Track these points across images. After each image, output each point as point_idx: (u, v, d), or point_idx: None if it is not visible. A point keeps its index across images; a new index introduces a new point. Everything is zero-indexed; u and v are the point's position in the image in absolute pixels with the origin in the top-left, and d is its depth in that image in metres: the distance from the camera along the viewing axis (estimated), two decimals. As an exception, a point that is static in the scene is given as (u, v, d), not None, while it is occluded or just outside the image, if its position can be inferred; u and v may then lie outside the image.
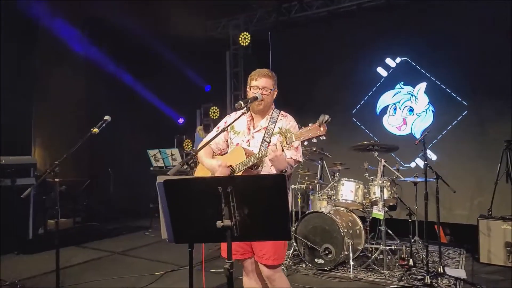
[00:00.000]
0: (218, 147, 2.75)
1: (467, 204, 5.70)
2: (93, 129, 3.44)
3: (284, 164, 2.30)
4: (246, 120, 2.65)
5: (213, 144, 2.70)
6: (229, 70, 8.23)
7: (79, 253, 5.38)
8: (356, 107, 6.74)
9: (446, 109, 5.96)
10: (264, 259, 2.50)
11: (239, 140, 2.64)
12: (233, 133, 2.68)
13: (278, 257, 2.50)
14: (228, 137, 2.72)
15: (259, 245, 2.50)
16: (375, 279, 4.12)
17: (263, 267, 2.55)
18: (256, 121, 2.65)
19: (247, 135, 2.63)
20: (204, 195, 1.88)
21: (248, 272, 2.69)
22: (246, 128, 2.65)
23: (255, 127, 2.63)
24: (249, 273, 2.69)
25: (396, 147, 4.77)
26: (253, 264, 2.66)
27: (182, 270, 4.54)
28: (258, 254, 2.53)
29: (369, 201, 4.63)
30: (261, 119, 2.63)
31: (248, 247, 2.57)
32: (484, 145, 5.60)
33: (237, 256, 2.57)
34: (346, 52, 6.77)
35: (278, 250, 2.49)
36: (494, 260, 4.49)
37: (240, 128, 2.66)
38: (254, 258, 2.60)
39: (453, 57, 5.86)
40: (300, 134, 2.15)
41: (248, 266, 2.67)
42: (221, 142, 2.74)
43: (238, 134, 2.66)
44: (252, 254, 2.59)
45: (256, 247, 2.53)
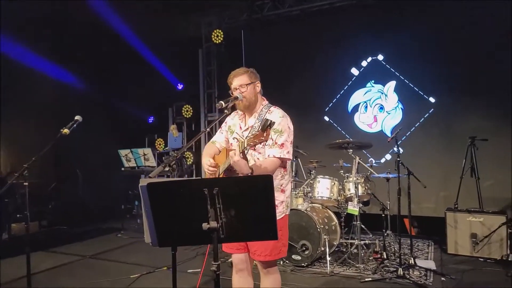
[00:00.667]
0: (222, 146, 2.79)
1: (433, 198, 5.94)
2: (63, 129, 3.32)
3: (245, 169, 2.26)
4: (238, 119, 2.69)
5: (218, 144, 2.79)
6: (202, 68, 8.14)
7: (47, 258, 5.18)
8: (329, 105, 6.85)
9: (414, 106, 6.17)
10: (256, 255, 2.53)
11: (232, 139, 2.69)
12: (230, 133, 2.73)
13: (270, 253, 2.50)
14: (228, 136, 2.77)
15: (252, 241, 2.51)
16: (351, 273, 4.22)
17: (258, 263, 2.60)
18: (247, 119, 2.66)
19: (239, 134, 2.65)
20: (189, 198, 1.86)
21: (239, 270, 2.68)
22: (238, 127, 2.67)
23: (246, 125, 2.64)
24: (239, 272, 2.68)
25: (370, 145, 4.90)
26: (247, 262, 2.66)
27: (158, 272, 4.47)
28: (251, 250, 2.55)
29: (344, 197, 4.74)
30: (250, 117, 2.64)
31: (243, 243, 2.58)
32: (450, 141, 5.84)
33: (233, 250, 2.61)
34: (319, 51, 6.86)
35: (269, 246, 2.48)
36: (461, 251, 4.69)
37: (235, 127, 2.70)
38: (249, 255, 2.62)
39: (420, 56, 6.06)
40: (249, 140, 2.18)
41: (240, 265, 2.66)
42: (224, 142, 2.78)
43: (233, 133, 2.69)
44: (247, 250, 2.60)
45: (249, 243, 2.55)
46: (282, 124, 2.50)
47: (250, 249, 2.56)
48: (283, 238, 2.59)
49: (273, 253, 2.52)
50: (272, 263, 2.59)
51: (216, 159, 2.61)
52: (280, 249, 2.56)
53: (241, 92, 2.55)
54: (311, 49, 6.94)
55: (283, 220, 2.58)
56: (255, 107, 2.62)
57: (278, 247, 2.54)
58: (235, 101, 2.51)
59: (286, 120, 2.54)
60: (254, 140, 2.15)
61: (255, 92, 2.60)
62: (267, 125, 2.11)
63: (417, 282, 3.85)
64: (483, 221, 4.59)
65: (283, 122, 2.51)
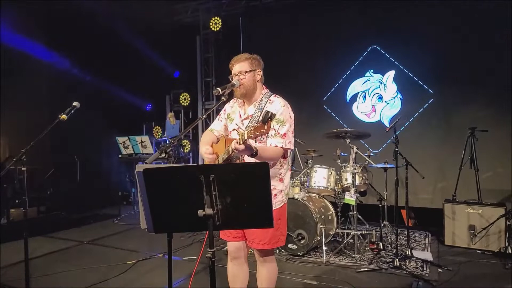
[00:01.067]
0: (220, 134, 2.75)
1: (431, 189, 5.95)
2: (61, 115, 3.29)
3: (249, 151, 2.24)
4: (237, 106, 2.64)
5: (216, 132, 2.75)
6: (199, 55, 8.07)
7: (45, 244, 5.21)
8: (327, 94, 6.81)
9: (413, 96, 6.14)
10: (254, 244, 2.51)
11: (231, 127, 2.65)
12: (229, 121, 2.68)
13: (269, 241, 2.49)
14: (227, 124, 2.73)
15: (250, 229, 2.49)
16: (346, 263, 4.23)
17: (255, 251, 2.58)
18: (246, 108, 2.62)
19: (238, 122, 2.61)
20: (185, 184, 1.84)
21: (233, 258, 2.67)
22: (238, 115, 2.63)
23: (246, 113, 2.60)
24: (234, 259, 2.68)
25: (368, 134, 4.87)
26: (242, 250, 2.65)
27: (154, 258, 4.49)
28: (249, 238, 2.53)
29: (341, 187, 4.73)
30: (250, 105, 2.60)
31: (240, 231, 2.56)
32: (449, 132, 5.83)
33: (230, 238, 2.59)
34: (317, 39, 6.80)
35: (268, 234, 2.47)
36: (458, 243, 4.69)
37: (234, 115, 2.65)
38: (246, 243, 2.61)
39: (420, 46, 6.00)
40: (249, 131, 2.14)
41: (236, 252, 2.65)
42: (223, 130, 2.74)
43: (232, 121, 2.65)
44: (244, 239, 2.59)
45: (247, 231, 2.53)
46: (284, 114, 2.46)
47: (248, 237, 2.55)
48: (281, 227, 2.58)
49: (272, 241, 2.51)
50: (270, 251, 2.59)
51: (215, 148, 2.58)
52: (279, 237, 2.55)
53: (240, 79, 2.50)
54: (309, 38, 6.87)
55: (282, 209, 2.57)
56: (254, 95, 2.57)
57: (277, 235, 2.53)
58: (231, 88, 2.47)
59: (287, 109, 2.51)
60: (255, 132, 2.12)
61: (254, 80, 2.54)
62: (268, 117, 2.08)
63: (414, 273, 3.85)
64: (481, 213, 4.59)
65: (285, 112, 2.48)
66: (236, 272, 2.69)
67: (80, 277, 3.97)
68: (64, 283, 3.80)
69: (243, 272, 2.69)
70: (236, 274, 2.69)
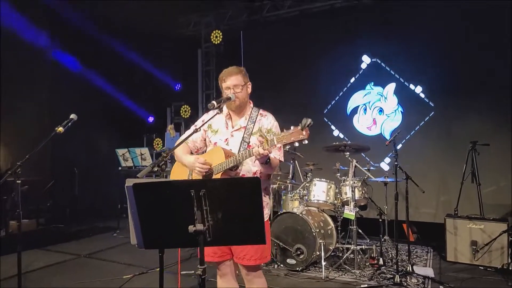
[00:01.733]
0: (195, 145, 2.68)
1: (433, 203, 5.87)
2: (58, 128, 3.27)
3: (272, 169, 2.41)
4: (224, 118, 2.60)
5: (190, 143, 2.65)
6: (200, 68, 8.12)
7: (42, 257, 5.16)
8: (327, 107, 6.80)
9: (414, 110, 6.11)
10: (245, 260, 2.45)
11: (217, 139, 2.59)
12: (211, 132, 2.63)
13: (260, 256, 2.46)
14: (206, 136, 2.66)
15: (239, 246, 2.45)
16: (346, 278, 4.15)
17: (243, 268, 2.51)
18: (234, 120, 2.60)
19: (226, 134, 2.57)
20: (176, 199, 1.81)
21: (222, 275, 2.62)
22: (224, 126, 2.59)
23: (234, 125, 2.58)
24: (223, 276, 2.62)
25: (368, 148, 4.84)
26: (230, 266, 2.61)
27: (151, 273, 4.43)
28: (238, 255, 2.47)
29: (341, 201, 4.68)
30: (240, 117, 2.58)
31: (227, 249, 2.52)
32: (450, 145, 5.78)
33: (215, 258, 2.53)
34: (318, 52, 6.82)
35: (260, 249, 2.44)
36: (461, 258, 4.60)
37: (218, 126, 2.61)
38: (234, 260, 2.55)
39: (421, 59, 6.01)
40: (283, 137, 2.11)
41: (224, 269, 2.60)
42: (199, 141, 2.67)
43: (216, 133, 2.60)
44: (231, 256, 2.54)
45: (236, 248, 2.48)
46: (278, 128, 2.55)
47: (236, 254, 2.49)
48: (268, 241, 2.60)
49: (263, 256, 2.48)
50: (259, 267, 2.55)
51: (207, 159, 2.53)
52: (268, 252, 2.56)
53: (235, 92, 2.49)
54: (310, 51, 6.90)
55: (267, 222, 2.57)
56: (245, 108, 2.59)
57: (266, 249, 2.53)
58: (227, 101, 2.46)
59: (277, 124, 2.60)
60: (290, 138, 2.08)
61: (247, 93, 2.57)
62: (307, 124, 2.05)
63: (414, 289, 3.78)
64: (483, 228, 4.50)
65: (277, 126, 2.56)
66: None
67: (75, 291, 3.92)
68: (58, 298, 3.75)
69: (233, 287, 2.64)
70: None
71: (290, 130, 2.12)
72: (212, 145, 2.60)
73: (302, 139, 2.08)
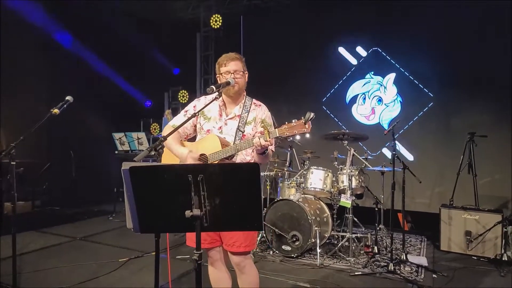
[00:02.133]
0: (185, 131, 2.63)
1: (428, 193, 5.90)
2: (53, 109, 3.24)
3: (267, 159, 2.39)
4: (218, 105, 2.55)
5: (180, 129, 2.55)
6: (199, 53, 8.03)
7: (38, 239, 5.17)
8: (327, 96, 6.76)
9: (413, 100, 6.09)
10: (234, 247, 2.43)
11: (210, 126, 2.53)
12: (203, 119, 2.56)
13: (249, 243, 2.46)
14: (198, 122, 2.60)
15: (229, 233, 2.43)
16: (341, 266, 4.18)
17: (232, 255, 2.49)
18: (228, 108, 2.56)
19: (219, 121, 2.53)
20: (173, 184, 1.79)
21: (213, 261, 2.61)
22: (218, 114, 2.54)
23: (228, 113, 2.54)
24: (214, 263, 2.62)
25: (366, 137, 4.82)
26: (220, 253, 2.60)
27: (147, 256, 4.45)
28: (227, 242, 2.45)
29: (337, 189, 4.68)
30: (234, 105, 2.55)
31: (216, 236, 2.50)
32: (448, 136, 5.78)
33: (205, 245, 2.50)
34: (318, 40, 6.75)
35: (249, 236, 2.45)
36: (454, 248, 4.64)
37: (211, 114, 2.55)
38: (223, 247, 2.54)
39: (422, 49, 5.96)
40: (285, 129, 2.14)
41: (214, 256, 2.59)
42: (189, 127, 2.62)
43: (209, 120, 2.55)
44: (220, 243, 2.53)
45: (225, 235, 2.47)
46: (270, 118, 2.56)
47: (226, 241, 2.47)
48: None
49: (252, 243, 2.49)
50: (249, 253, 2.54)
51: (198, 146, 2.50)
52: (255, 239, 2.58)
53: (235, 77, 2.45)
54: (310, 38, 6.83)
55: None
56: (240, 97, 2.56)
57: (255, 236, 2.55)
58: (226, 86, 2.41)
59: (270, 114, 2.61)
60: (292, 131, 2.12)
61: (245, 80, 2.55)
62: (310, 118, 2.09)
63: (408, 278, 3.81)
64: (478, 219, 4.53)
65: (270, 116, 2.58)
66: (218, 275, 2.63)
67: (70, 273, 3.92)
68: (53, 279, 3.75)
69: (225, 275, 2.63)
70: (218, 277, 2.63)
71: (292, 123, 2.14)
72: (205, 132, 2.53)
73: (305, 132, 2.12)
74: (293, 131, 2.12)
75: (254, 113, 2.52)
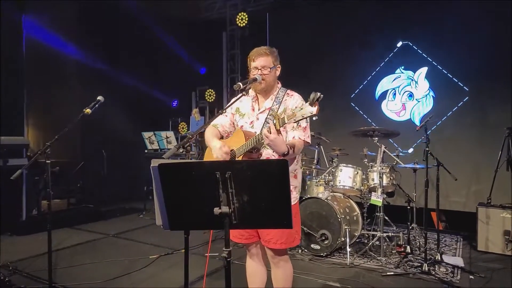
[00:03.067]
0: (224, 129, 2.65)
1: (464, 192, 5.68)
2: (86, 109, 3.34)
3: (283, 147, 2.17)
4: (250, 100, 2.55)
5: (220, 127, 2.61)
6: (225, 51, 8.05)
7: (72, 235, 5.35)
8: (355, 92, 6.63)
9: (447, 94, 5.87)
10: (271, 243, 2.42)
11: (243, 122, 2.54)
12: (239, 115, 2.59)
13: (286, 241, 2.42)
14: (234, 120, 2.62)
15: (265, 229, 2.42)
16: (371, 265, 4.08)
17: (269, 251, 2.49)
18: (261, 102, 2.54)
19: (251, 117, 2.52)
20: (201, 181, 1.78)
21: (251, 255, 2.64)
22: (251, 109, 2.54)
23: (260, 108, 2.52)
24: (252, 257, 2.64)
25: (397, 133, 4.68)
26: (258, 248, 2.61)
27: (177, 254, 4.50)
28: (264, 238, 2.45)
29: (367, 187, 4.57)
30: (266, 99, 2.52)
31: (254, 232, 2.50)
32: (484, 132, 5.54)
33: (242, 240, 2.53)
34: (346, 35, 6.63)
35: (286, 233, 2.40)
36: (492, 248, 4.45)
37: (245, 110, 2.56)
38: (261, 242, 2.54)
39: (455, 42, 5.74)
40: (292, 115, 2.03)
41: (253, 250, 2.62)
42: (228, 125, 2.64)
43: (243, 116, 2.56)
44: (258, 239, 2.52)
45: (262, 231, 2.46)
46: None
47: (263, 237, 2.47)
48: (297, 225, 2.51)
49: (289, 240, 2.44)
50: (285, 251, 2.51)
51: (228, 143, 2.50)
52: (295, 236, 2.48)
53: (262, 73, 2.42)
54: (337, 33, 6.72)
55: (296, 206, 2.50)
56: (272, 90, 2.51)
57: (293, 234, 2.46)
58: (253, 82, 2.40)
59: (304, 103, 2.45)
60: (300, 114, 2.00)
61: (275, 76, 2.50)
62: (316, 98, 1.95)
63: (443, 279, 3.67)
64: (517, 218, 4.33)
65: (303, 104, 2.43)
66: (255, 269, 2.65)
67: (104, 269, 4.02)
68: (88, 275, 3.85)
69: (262, 269, 2.64)
70: (255, 271, 2.65)
71: (298, 107, 2.04)
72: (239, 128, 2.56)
73: (312, 114, 1.98)
74: (300, 115, 2.00)
75: (286, 104, 2.45)
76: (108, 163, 7.82)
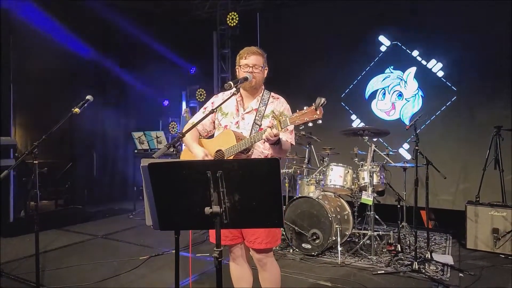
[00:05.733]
0: (204, 128, 2.62)
1: (453, 190, 5.73)
2: (74, 108, 3.28)
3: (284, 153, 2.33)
4: (235, 100, 2.53)
5: (200, 126, 2.56)
6: (216, 51, 8.02)
7: (60, 237, 5.26)
8: (345, 91, 6.65)
9: (435, 94, 5.92)
10: (256, 244, 2.40)
11: (227, 121, 2.52)
12: (221, 114, 2.56)
13: (271, 240, 2.42)
14: (215, 118, 2.59)
15: (251, 230, 2.40)
16: (362, 264, 4.10)
17: (254, 252, 2.47)
18: (246, 102, 2.53)
19: (236, 117, 2.51)
20: (192, 180, 1.76)
21: (235, 257, 2.59)
22: (235, 109, 2.52)
23: (245, 108, 2.52)
24: (236, 259, 2.59)
25: (387, 132, 4.71)
26: (242, 249, 2.57)
27: (167, 254, 4.46)
28: (249, 239, 2.42)
29: (358, 186, 4.59)
30: (252, 99, 2.52)
31: (237, 233, 2.48)
32: (472, 131, 5.60)
33: (226, 242, 2.48)
34: (336, 35, 6.65)
35: (271, 233, 2.40)
36: (481, 246, 4.50)
37: (228, 109, 2.54)
38: (245, 244, 2.51)
39: (443, 41, 5.79)
40: (296, 117, 2.07)
41: (236, 252, 2.57)
42: (208, 124, 2.61)
43: (226, 116, 2.53)
44: (242, 240, 2.50)
45: (247, 232, 2.44)
46: (289, 110, 2.51)
47: (247, 238, 2.44)
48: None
49: (274, 239, 2.44)
50: (271, 250, 2.50)
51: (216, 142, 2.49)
52: (278, 235, 2.50)
53: (253, 72, 2.43)
54: (327, 33, 6.73)
55: None
56: (258, 91, 2.53)
57: (278, 233, 2.48)
58: (244, 81, 2.39)
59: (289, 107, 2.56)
60: (303, 118, 2.04)
61: (263, 77, 2.53)
62: (321, 103, 2.00)
63: (433, 277, 3.69)
64: (506, 215, 4.37)
65: (289, 109, 2.52)
66: (240, 272, 2.61)
67: (93, 271, 3.97)
68: (76, 277, 3.79)
69: (247, 272, 2.61)
70: (241, 273, 2.61)
71: (303, 110, 2.07)
72: (222, 128, 2.53)
73: (316, 118, 2.03)
74: (304, 119, 2.04)
75: (271, 106, 2.48)
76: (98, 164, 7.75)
